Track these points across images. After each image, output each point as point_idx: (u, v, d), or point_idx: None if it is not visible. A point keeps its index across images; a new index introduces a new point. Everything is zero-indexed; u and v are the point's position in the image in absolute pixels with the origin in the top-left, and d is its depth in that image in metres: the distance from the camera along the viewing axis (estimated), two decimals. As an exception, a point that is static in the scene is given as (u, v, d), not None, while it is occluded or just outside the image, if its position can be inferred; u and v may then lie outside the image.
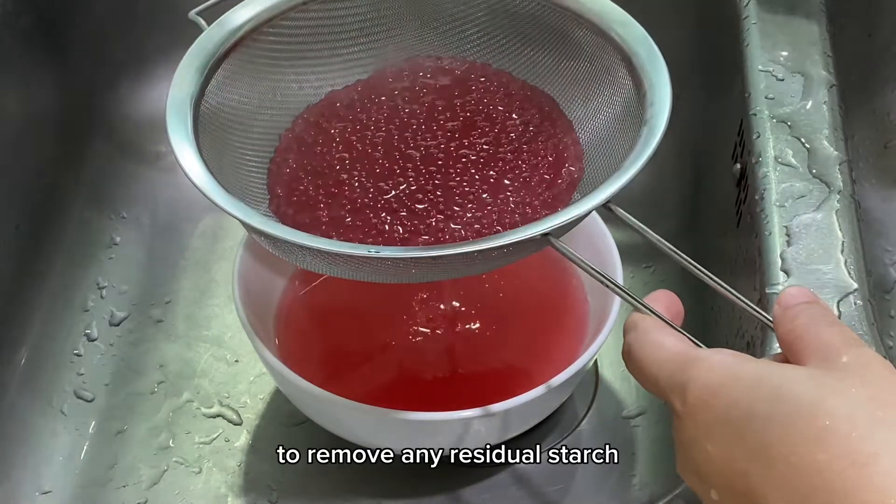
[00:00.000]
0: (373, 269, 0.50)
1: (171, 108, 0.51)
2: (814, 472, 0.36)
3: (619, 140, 0.52)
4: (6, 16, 0.74)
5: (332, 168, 0.54)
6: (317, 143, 0.55)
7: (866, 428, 0.36)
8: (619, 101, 0.54)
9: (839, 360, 0.39)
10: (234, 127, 0.55)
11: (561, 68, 0.57)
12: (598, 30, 0.55)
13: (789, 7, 0.70)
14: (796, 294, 0.43)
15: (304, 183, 0.53)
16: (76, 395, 0.71)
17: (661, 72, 0.52)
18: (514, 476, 0.66)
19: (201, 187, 0.48)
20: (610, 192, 0.47)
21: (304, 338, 0.66)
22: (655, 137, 0.49)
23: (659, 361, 0.43)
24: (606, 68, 0.55)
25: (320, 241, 0.47)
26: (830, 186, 0.61)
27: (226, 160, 0.53)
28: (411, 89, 0.57)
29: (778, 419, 0.37)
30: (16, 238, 0.72)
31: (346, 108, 0.57)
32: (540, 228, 0.46)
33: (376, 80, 0.58)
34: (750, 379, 0.39)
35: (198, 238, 0.79)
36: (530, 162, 0.54)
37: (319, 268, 0.51)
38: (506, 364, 0.66)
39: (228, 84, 0.54)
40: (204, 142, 0.51)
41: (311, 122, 0.56)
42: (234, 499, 0.66)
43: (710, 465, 0.40)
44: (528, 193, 0.53)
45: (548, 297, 0.68)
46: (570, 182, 0.53)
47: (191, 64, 0.53)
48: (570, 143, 0.55)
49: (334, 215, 0.52)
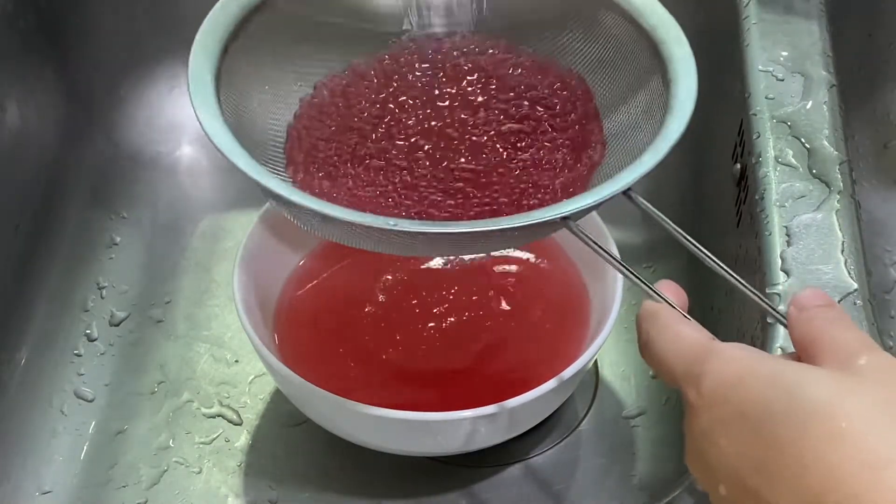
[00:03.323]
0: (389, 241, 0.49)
1: (193, 74, 0.50)
2: (827, 473, 0.36)
3: (643, 127, 0.52)
4: (6, 16, 0.74)
5: (348, 139, 0.53)
6: (336, 112, 0.54)
7: (882, 432, 0.36)
8: (644, 88, 0.53)
9: (856, 363, 0.39)
10: (252, 93, 0.54)
11: (588, 55, 0.56)
12: (627, 16, 0.54)
13: (789, 7, 0.70)
14: (812, 296, 0.43)
15: (324, 151, 0.53)
16: (76, 395, 0.71)
17: (688, 60, 0.51)
18: (514, 476, 0.67)
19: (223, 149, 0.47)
20: (631, 179, 0.47)
21: (304, 338, 0.66)
22: (680, 126, 0.48)
23: (677, 352, 0.43)
24: (634, 55, 0.54)
25: (339, 211, 0.46)
26: (830, 186, 0.61)
27: (244, 121, 0.52)
28: (435, 64, 0.56)
29: (794, 418, 0.37)
30: (16, 238, 0.72)
31: (367, 79, 0.56)
32: (560, 212, 0.46)
33: (400, 54, 0.57)
34: (767, 376, 0.39)
35: (198, 238, 0.79)
36: (554, 142, 0.53)
37: (332, 235, 0.51)
38: (506, 364, 0.66)
39: (250, 49, 0.54)
40: (226, 107, 0.50)
41: (331, 90, 0.56)
42: (234, 499, 0.66)
43: (722, 459, 0.39)
44: (549, 175, 0.52)
45: (548, 297, 0.68)
46: (590, 166, 0.53)
47: (213, 28, 0.52)
48: (595, 127, 0.54)
49: (352, 185, 0.51)
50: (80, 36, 0.80)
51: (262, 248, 0.66)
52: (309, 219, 0.49)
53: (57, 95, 0.79)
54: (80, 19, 0.80)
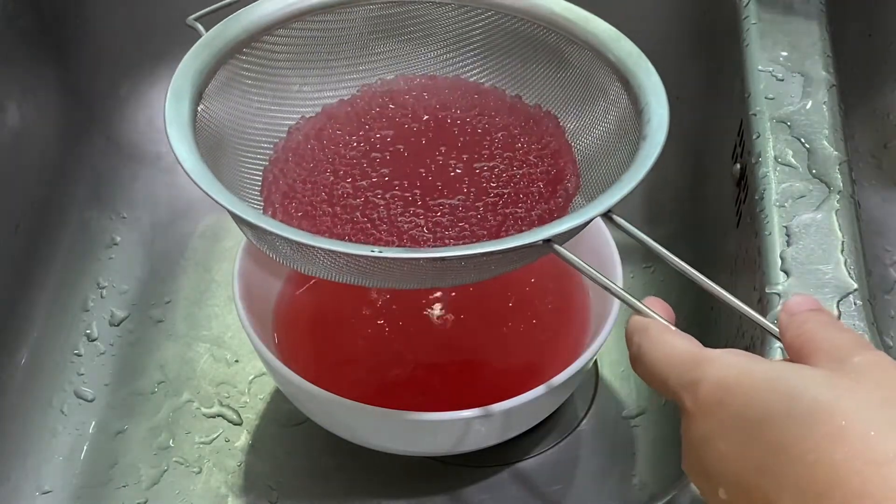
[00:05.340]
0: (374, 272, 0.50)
1: (169, 116, 0.51)
2: (830, 471, 0.36)
3: (619, 153, 0.54)
4: (6, 16, 0.74)
5: (325, 179, 0.54)
6: (311, 154, 0.56)
7: (884, 428, 0.36)
8: (616, 118, 0.55)
9: (851, 362, 0.39)
10: (229, 135, 0.55)
11: (558, 87, 0.58)
12: (593, 49, 0.56)
13: (789, 7, 0.70)
14: (802, 302, 0.43)
15: (299, 192, 0.54)
16: (76, 395, 0.71)
17: (657, 88, 0.53)
18: (513, 476, 0.67)
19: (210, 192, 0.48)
20: (609, 204, 0.48)
21: (304, 337, 0.66)
22: (654, 152, 0.50)
23: (670, 360, 0.43)
24: (602, 87, 0.56)
25: (325, 242, 0.47)
26: (830, 186, 0.61)
27: (223, 166, 0.53)
28: (406, 105, 0.58)
29: (794, 418, 0.37)
30: (16, 238, 0.72)
31: (340, 120, 0.57)
32: (542, 235, 0.47)
33: (371, 96, 0.58)
34: (764, 378, 0.39)
35: (198, 238, 0.80)
36: (527, 176, 0.55)
37: (316, 271, 0.51)
38: (506, 364, 0.66)
39: (223, 92, 0.55)
40: (202, 149, 0.51)
41: (305, 133, 0.57)
42: (234, 499, 0.66)
43: (721, 462, 0.40)
44: (525, 207, 0.54)
45: (549, 297, 0.68)
46: (565, 197, 0.55)
47: (187, 71, 0.53)
48: (567, 160, 0.56)
49: (329, 226, 0.52)
50: (80, 36, 0.80)
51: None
52: (292, 251, 0.50)
53: (57, 95, 0.79)
54: (80, 19, 0.80)
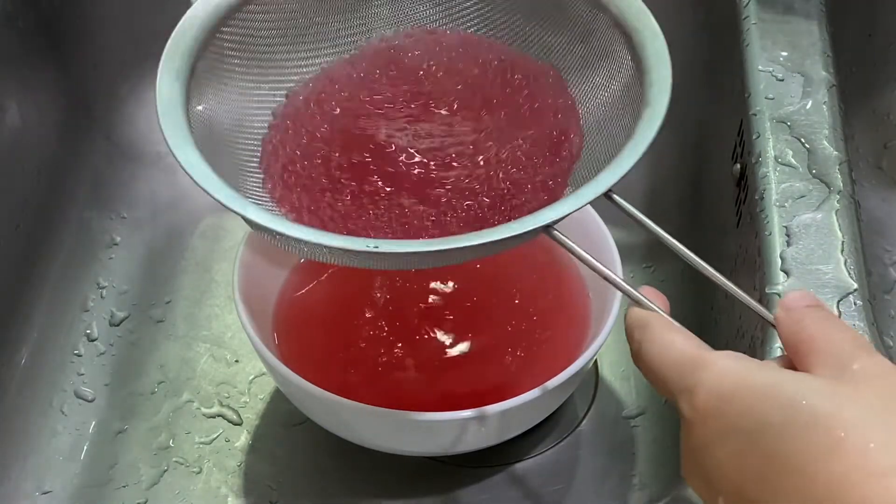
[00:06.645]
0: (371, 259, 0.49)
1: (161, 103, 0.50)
2: (830, 483, 0.36)
3: (621, 122, 0.51)
4: (6, 16, 0.74)
5: (326, 147, 0.53)
6: (311, 120, 0.54)
7: (884, 440, 0.36)
8: (619, 79, 0.52)
9: (850, 369, 0.39)
10: (224, 107, 0.53)
11: (560, 44, 0.55)
12: (597, 3, 0.53)
13: (789, 7, 0.70)
14: (800, 297, 0.42)
15: (298, 165, 0.52)
16: (76, 395, 0.71)
17: (661, 51, 0.50)
18: (513, 476, 0.67)
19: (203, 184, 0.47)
20: (612, 180, 0.46)
21: (304, 337, 0.66)
22: (657, 120, 0.48)
23: (668, 361, 0.42)
24: (606, 45, 0.53)
25: (318, 235, 0.46)
26: (830, 186, 0.61)
27: (217, 140, 0.52)
28: (406, 63, 0.55)
29: (793, 429, 0.37)
30: (16, 238, 0.72)
31: (339, 82, 0.55)
32: (539, 221, 0.45)
33: (370, 54, 0.56)
34: (762, 388, 0.39)
35: (198, 238, 0.80)
36: (531, 137, 0.53)
37: (313, 255, 0.51)
38: (506, 364, 0.66)
39: (217, 64, 0.53)
40: (196, 125, 0.50)
41: (305, 97, 0.55)
42: (234, 499, 0.66)
43: (720, 471, 0.39)
44: (529, 170, 0.52)
45: (549, 296, 0.68)
46: (570, 159, 0.52)
47: (178, 43, 0.52)
48: (572, 118, 0.53)
49: (329, 200, 0.51)
50: (80, 36, 0.80)
51: (262, 247, 0.66)
52: (291, 244, 0.49)
53: (57, 95, 0.79)
54: (80, 19, 0.80)
